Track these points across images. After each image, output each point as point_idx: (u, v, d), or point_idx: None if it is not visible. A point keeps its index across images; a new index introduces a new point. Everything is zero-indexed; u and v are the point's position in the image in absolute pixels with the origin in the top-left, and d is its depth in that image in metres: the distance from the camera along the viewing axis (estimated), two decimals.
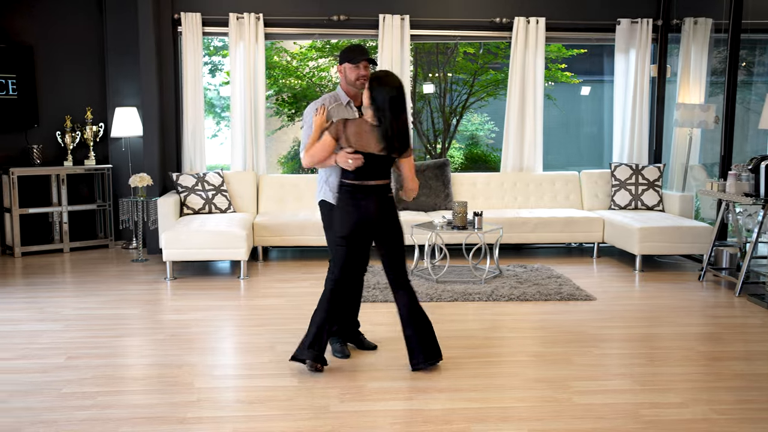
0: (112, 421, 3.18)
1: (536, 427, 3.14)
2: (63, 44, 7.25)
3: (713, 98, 7.49)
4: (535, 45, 7.25)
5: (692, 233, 6.25)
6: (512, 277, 5.89)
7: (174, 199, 6.52)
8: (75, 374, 3.75)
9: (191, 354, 4.12)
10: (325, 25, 7.16)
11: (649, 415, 3.29)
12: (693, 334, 4.58)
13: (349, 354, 4.02)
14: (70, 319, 4.79)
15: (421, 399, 3.44)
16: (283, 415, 3.25)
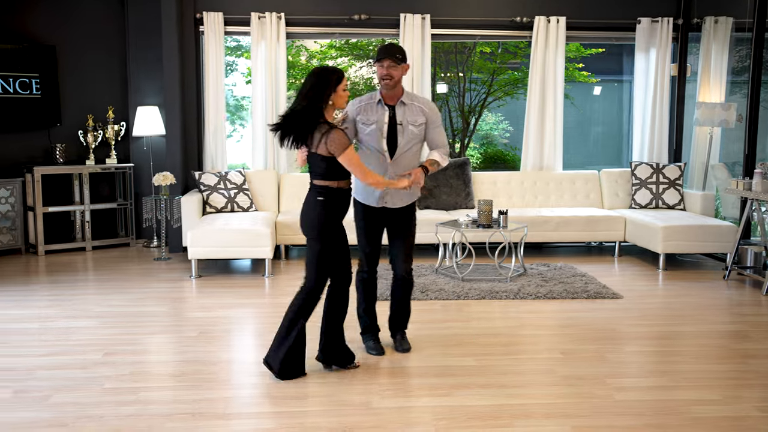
0: (156, 416, 3.20)
1: (579, 424, 3.15)
2: (85, 44, 7.28)
3: (732, 97, 7.49)
4: (556, 44, 7.25)
5: (715, 232, 6.25)
6: (537, 275, 5.90)
7: (197, 197, 6.54)
8: (114, 370, 3.77)
9: (224, 351, 4.14)
10: (347, 24, 7.17)
11: (692, 411, 3.29)
12: (723, 332, 4.58)
13: (384, 351, 4.03)
14: (101, 316, 4.82)
15: (462, 395, 3.45)
16: (326, 411, 3.26)
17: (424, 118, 3.87)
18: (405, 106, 3.83)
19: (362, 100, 3.88)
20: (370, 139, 3.84)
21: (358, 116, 3.84)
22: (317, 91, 3.44)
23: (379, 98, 3.84)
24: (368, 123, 3.81)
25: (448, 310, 5.01)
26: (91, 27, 7.27)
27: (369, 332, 4.08)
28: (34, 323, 4.65)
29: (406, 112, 3.82)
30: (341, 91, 3.52)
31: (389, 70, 3.73)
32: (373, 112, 3.81)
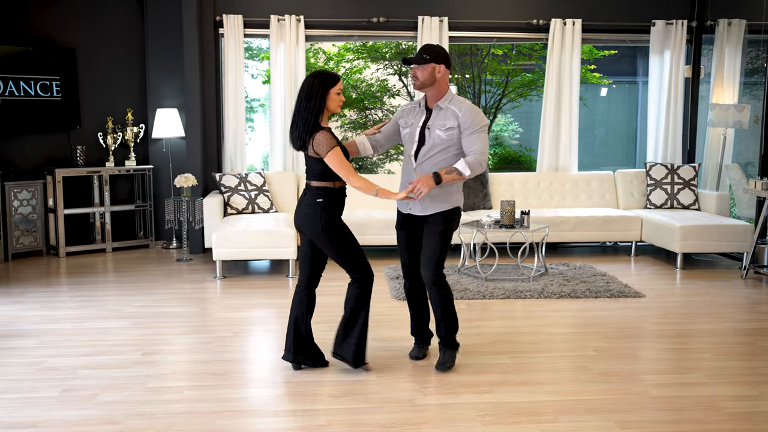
0: (205, 414, 3.26)
1: (622, 419, 3.22)
2: (105, 47, 7.33)
3: (745, 99, 7.57)
4: (572, 46, 7.33)
5: (732, 231, 6.33)
6: (558, 275, 5.97)
7: (218, 199, 6.59)
8: (155, 369, 3.82)
9: (263, 349, 4.19)
10: (365, 26, 7.24)
11: (729, 407, 3.36)
12: (751, 329, 4.65)
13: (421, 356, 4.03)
14: (133, 316, 4.87)
15: (503, 392, 3.51)
16: (373, 408, 3.32)
17: (456, 122, 3.63)
18: (441, 110, 3.69)
19: (412, 103, 3.91)
20: (405, 143, 3.86)
21: (400, 119, 3.85)
22: (309, 96, 3.52)
23: (423, 101, 3.80)
24: (405, 126, 3.82)
25: (474, 309, 5.07)
26: (111, 30, 7.32)
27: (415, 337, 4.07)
28: (67, 324, 4.70)
29: (438, 116, 3.69)
30: (334, 95, 3.55)
31: (414, 70, 3.68)
32: (413, 115, 3.79)
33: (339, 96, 3.58)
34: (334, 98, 3.54)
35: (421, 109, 3.81)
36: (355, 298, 3.70)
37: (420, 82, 3.67)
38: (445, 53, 3.71)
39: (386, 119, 9.88)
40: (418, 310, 4.02)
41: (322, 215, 3.60)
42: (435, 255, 3.73)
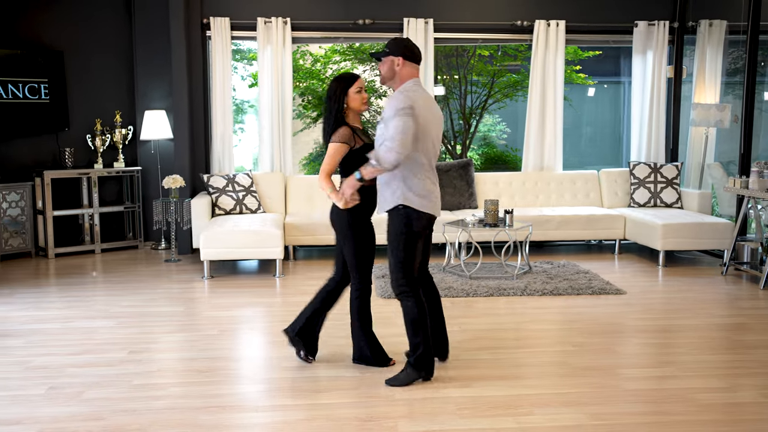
0: (189, 410, 3.32)
1: (595, 411, 3.30)
2: (93, 49, 7.38)
3: (727, 98, 7.69)
4: (555, 47, 7.43)
5: (713, 229, 6.43)
6: (542, 273, 6.06)
7: (206, 200, 6.65)
8: (141, 367, 3.88)
9: (247, 347, 4.26)
10: (351, 28, 7.31)
11: (699, 399, 3.45)
12: (724, 324, 4.75)
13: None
14: (119, 316, 4.92)
15: (482, 386, 3.59)
16: (353, 402, 3.39)
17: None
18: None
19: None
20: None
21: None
22: (330, 98, 3.70)
23: None
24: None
25: (457, 307, 5.15)
26: (99, 32, 7.38)
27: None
28: (54, 324, 4.75)
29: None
30: (353, 93, 3.67)
31: (379, 66, 3.70)
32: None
33: (360, 94, 3.68)
34: (354, 97, 3.66)
35: None
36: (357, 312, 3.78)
37: (382, 76, 3.67)
38: (404, 45, 3.57)
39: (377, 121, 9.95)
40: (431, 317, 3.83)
41: (350, 211, 3.66)
42: (391, 261, 3.58)
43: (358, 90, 3.68)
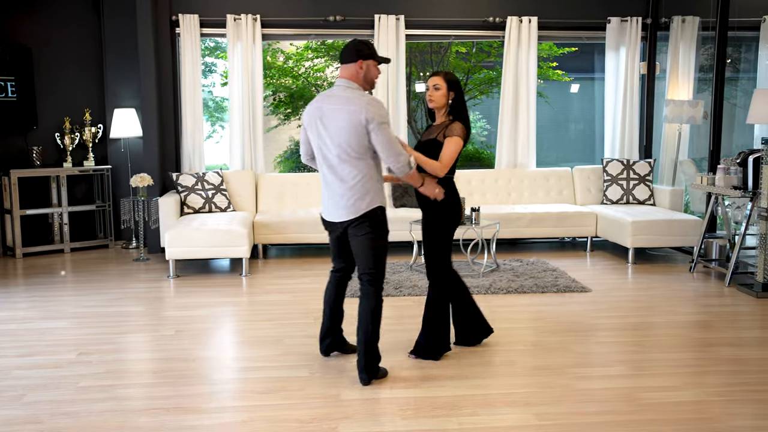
0: (131, 412, 3.28)
1: (541, 411, 3.27)
2: (61, 46, 7.31)
3: (701, 94, 7.67)
4: (528, 44, 7.39)
5: (683, 226, 6.42)
6: (509, 270, 6.03)
7: (175, 198, 6.60)
8: (89, 369, 3.84)
9: (200, 348, 4.22)
10: (322, 25, 7.26)
11: (644, 398, 3.43)
12: (685, 322, 4.73)
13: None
14: (77, 316, 4.88)
15: (428, 387, 3.56)
16: (296, 404, 3.36)
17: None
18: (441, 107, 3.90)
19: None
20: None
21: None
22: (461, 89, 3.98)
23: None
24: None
25: (419, 306, 5.10)
26: (67, 29, 7.31)
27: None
28: (10, 325, 4.71)
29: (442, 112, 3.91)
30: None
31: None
32: None
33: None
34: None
35: None
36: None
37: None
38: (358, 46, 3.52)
39: None
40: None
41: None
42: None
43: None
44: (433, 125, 3.94)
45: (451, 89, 3.83)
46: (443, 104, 3.83)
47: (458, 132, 3.75)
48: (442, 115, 3.86)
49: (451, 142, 3.73)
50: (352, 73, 3.52)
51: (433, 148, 3.78)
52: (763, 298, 5.23)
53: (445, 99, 3.82)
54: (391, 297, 5.32)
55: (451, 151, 3.73)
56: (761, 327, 4.64)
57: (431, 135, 3.86)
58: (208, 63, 11.10)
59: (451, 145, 3.73)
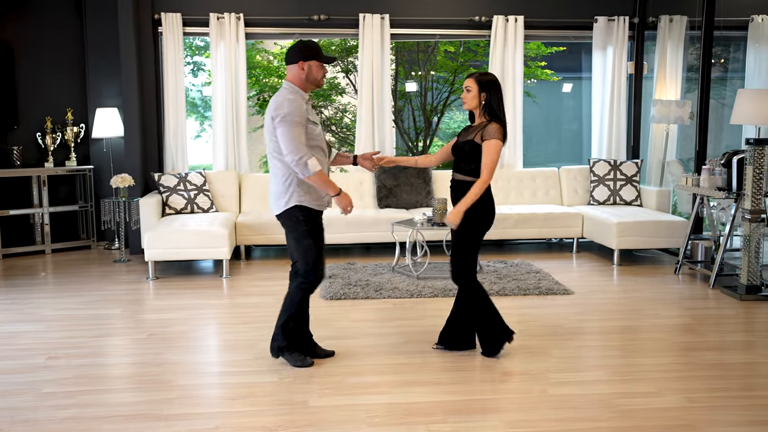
0: (92, 419, 3.21)
1: (513, 419, 3.20)
2: (43, 45, 7.22)
3: (690, 94, 7.60)
4: (514, 43, 7.32)
5: (669, 227, 6.35)
6: (492, 272, 5.96)
7: (156, 199, 6.52)
8: (55, 374, 3.76)
9: (172, 352, 4.14)
10: (306, 24, 7.19)
11: (623, 404, 3.36)
12: (668, 325, 4.66)
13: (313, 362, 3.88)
14: (50, 319, 4.80)
15: (401, 393, 3.49)
16: (262, 410, 3.29)
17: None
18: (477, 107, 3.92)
19: (302, 97, 3.65)
20: (319, 141, 3.73)
21: (308, 116, 3.68)
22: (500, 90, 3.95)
23: (308, 96, 3.73)
24: (317, 123, 3.74)
25: (400, 308, 5.05)
26: (49, 27, 7.21)
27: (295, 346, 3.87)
28: None
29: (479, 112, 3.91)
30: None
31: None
32: (313, 113, 3.77)
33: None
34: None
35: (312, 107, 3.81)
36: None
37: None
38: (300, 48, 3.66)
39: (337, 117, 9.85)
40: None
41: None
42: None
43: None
44: (471, 125, 3.95)
45: (483, 90, 3.81)
46: (475, 105, 3.85)
47: (495, 134, 3.76)
48: (479, 115, 3.88)
49: (489, 146, 3.75)
50: (294, 74, 3.66)
51: (472, 149, 3.81)
52: (747, 301, 5.17)
53: (477, 100, 3.83)
54: (371, 300, 5.25)
55: (492, 157, 3.77)
56: (744, 330, 4.58)
57: (468, 136, 3.87)
58: (198, 62, 11.01)
59: (490, 149, 3.75)
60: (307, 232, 3.73)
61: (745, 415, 3.25)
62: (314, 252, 3.74)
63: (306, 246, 3.73)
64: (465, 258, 3.92)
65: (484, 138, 3.77)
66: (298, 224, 3.72)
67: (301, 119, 3.58)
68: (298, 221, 3.71)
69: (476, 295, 3.95)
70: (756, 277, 5.20)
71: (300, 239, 3.73)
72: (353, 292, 5.36)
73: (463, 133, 3.96)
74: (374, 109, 7.22)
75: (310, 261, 3.73)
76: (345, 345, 4.16)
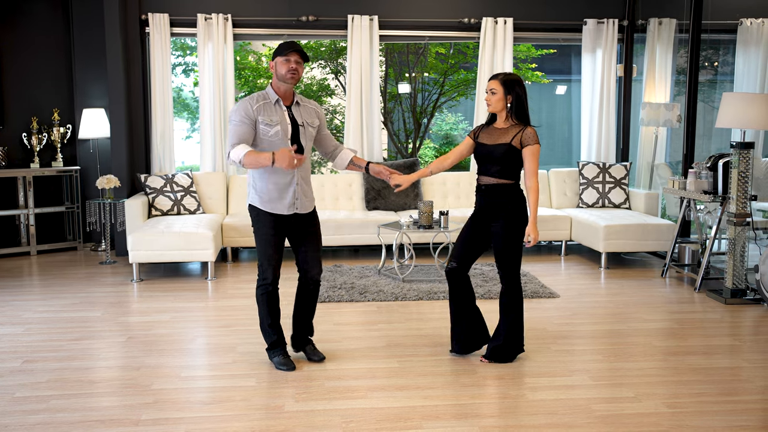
0: (64, 424, 3.17)
1: (489, 424, 3.17)
2: (29, 44, 7.18)
3: (679, 97, 7.58)
4: (503, 45, 7.30)
5: (656, 230, 6.33)
6: (478, 275, 5.93)
7: (142, 200, 6.49)
8: (30, 378, 3.72)
9: (151, 356, 4.10)
10: (294, 25, 7.16)
11: (601, 409, 3.34)
12: (652, 329, 4.64)
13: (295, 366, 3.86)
14: (30, 322, 4.76)
15: (378, 397, 3.46)
16: (237, 415, 3.26)
17: (318, 120, 3.85)
18: (300, 107, 3.75)
19: (257, 100, 3.66)
20: (275, 141, 3.66)
21: (259, 117, 3.63)
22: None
23: (276, 98, 3.68)
24: (272, 124, 3.65)
25: (384, 311, 5.02)
26: (35, 27, 7.18)
27: (278, 347, 3.88)
28: None
29: (303, 113, 3.75)
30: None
31: (297, 65, 3.63)
32: (274, 113, 3.66)
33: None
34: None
35: (279, 107, 3.70)
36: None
37: (298, 77, 3.70)
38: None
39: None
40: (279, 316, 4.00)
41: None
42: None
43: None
44: (494, 127, 3.86)
45: (509, 92, 3.77)
46: (501, 108, 3.81)
47: (535, 139, 3.78)
48: (506, 119, 3.82)
49: (533, 151, 3.76)
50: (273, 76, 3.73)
51: (506, 153, 3.76)
52: (732, 305, 5.15)
53: (503, 102, 3.79)
54: (355, 303, 5.22)
55: (537, 163, 3.80)
56: (729, 335, 4.56)
57: (501, 139, 3.79)
58: (188, 62, 10.97)
59: (535, 155, 3.78)
60: (257, 232, 3.78)
61: (728, 421, 3.22)
62: (262, 254, 3.75)
63: (260, 243, 3.77)
64: (517, 260, 3.90)
65: (525, 143, 3.74)
66: (253, 223, 3.82)
67: (243, 119, 3.60)
68: (252, 220, 3.82)
69: (519, 299, 3.96)
70: (741, 281, 5.18)
71: (255, 238, 3.81)
72: (338, 295, 5.33)
73: (483, 135, 3.87)
74: (363, 111, 7.20)
75: (261, 261, 3.77)
76: (326, 349, 4.13)
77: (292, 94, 3.75)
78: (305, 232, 3.84)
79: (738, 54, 7.47)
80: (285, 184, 3.71)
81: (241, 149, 3.54)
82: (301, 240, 3.86)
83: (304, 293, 3.95)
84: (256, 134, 3.65)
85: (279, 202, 3.71)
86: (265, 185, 3.69)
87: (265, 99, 3.69)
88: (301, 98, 3.82)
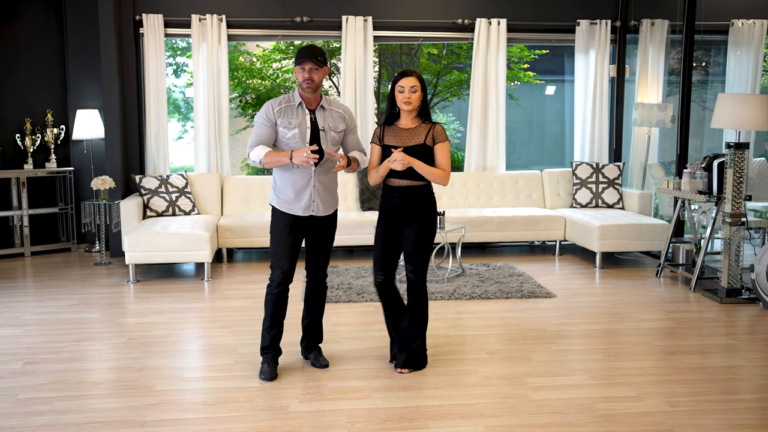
0: (69, 426, 3.16)
1: (493, 423, 3.20)
2: (22, 45, 7.13)
3: (671, 98, 7.66)
4: (497, 46, 7.34)
5: (650, 230, 6.39)
6: (475, 275, 5.97)
7: (137, 201, 6.46)
8: (32, 380, 3.71)
9: (152, 357, 4.10)
10: (288, 26, 7.16)
11: (604, 408, 3.37)
12: (649, 329, 4.69)
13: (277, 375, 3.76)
14: (29, 324, 4.73)
15: (382, 398, 3.47)
16: (242, 416, 3.26)
17: (344, 124, 3.80)
18: (325, 111, 3.76)
19: (281, 102, 3.75)
20: (292, 144, 3.73)
21: (279, 119, 3.72)
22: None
23: (299, 101, 3.73)
24: (290, 127, 3.72)
25: (379, 312, 5.00)
26: (29, 28, 7.13)
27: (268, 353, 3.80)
28: None
29: (327, 118, 3.75)
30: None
31: (311, 73, 3.63)
32: (294, 116, 3.72)
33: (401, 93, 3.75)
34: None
35: (302, 110, 3.73)
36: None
37: (315, 84, 3.67)
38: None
39: None
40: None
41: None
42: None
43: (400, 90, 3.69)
44: (399, 127, 3.74)
45: (424, 90, 3.76)
46: (417, 106, 3.73)
47: (446, 136, 3.77)
48: (414, 117, 3.75)
49: (445, 147, 3.73)
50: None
51: (426, 153, 3.69)
52: (727, 304, 5.21)
53: (420, 100, 3.73)
54: (353, 303, 5.24)
55: (449, 158, 3.77)
56: (725, 334, 4.61)
57: (413, 140, 3.69)
58: (180, 63, 10.93)
59: (448, 151, 3.75)
60: (271, 231, 3.80)
61: (730, 419, 3.26)
62: (272, 253, 3.78)
63: (270, 245, 3.81)
64: (427, 264, 3.83)
65: (438, 140, 3.71)
66: (271, 221, 3.84)
67: (263, 121, 3.71)
68: (271, 218, 3.84)
69: (426, 302, 3.87)
70: (736, 281, 5.24)
71: (270, 237, 3.82)
72: (335, 296, 5.34)
73: (389, 138, 3.72)
74: (357, 112, 7.21)
75: (272, 261, 3.78)
76: (326, 349, 4.14)
77: (319, 97, 3.74)
78: (319, 233, 3.84)
79: (730, 54, 7.55)
80: (302, 185, 3.73)
81: (260, 150, 3.66)
82: (313, 241, 3.87)
83: (310, 293, 3.97)
84: (276, 136, 3.73)
85: (295, 204, 3.74)
86: (284, 186, 3.75)
87: (288, 102, 3.74)
88: (330, 102, 3.79)
